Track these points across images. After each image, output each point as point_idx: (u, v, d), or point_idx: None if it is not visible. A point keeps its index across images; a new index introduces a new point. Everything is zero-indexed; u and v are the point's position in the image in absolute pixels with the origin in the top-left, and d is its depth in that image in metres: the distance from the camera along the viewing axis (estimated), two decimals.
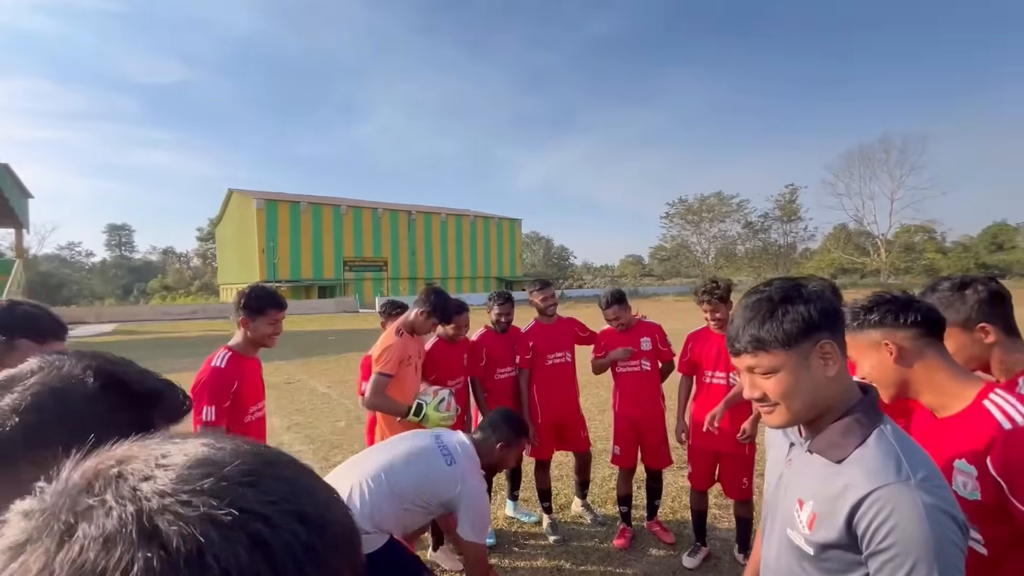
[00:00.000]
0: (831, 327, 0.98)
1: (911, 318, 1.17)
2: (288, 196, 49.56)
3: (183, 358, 13.10)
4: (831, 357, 0.97)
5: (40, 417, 0.50)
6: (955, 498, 0.88)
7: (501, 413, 2.59)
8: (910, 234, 74.27)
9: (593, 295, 53.71)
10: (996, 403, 1.12)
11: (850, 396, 1.00)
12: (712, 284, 3.09)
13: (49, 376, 0.54)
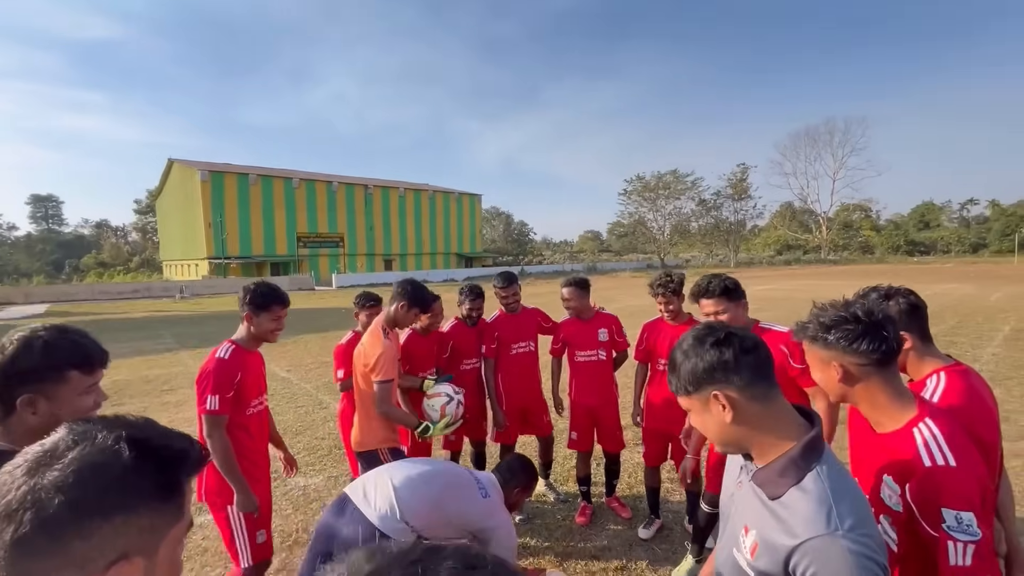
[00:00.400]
0: (723, 379, 1.05)
1: (864, 347, 1.23)
2: (235, 167, 47.00)
3: (130, 342, 12.48)
4: (725, 405, 1.05)
5: (84, 493, 0.54)
6: (880, 540, 0.98)
7: (520, 461, 2.66)
8: (848, 212, 78.97)
9: (553, 271, 54.35)
10: (923, 435, 1.22)
11: (789, 432, 1.06)
12: (666, 278, 3.25)
13: (86, 451, 0.56)
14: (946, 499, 1.14)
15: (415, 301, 2.94)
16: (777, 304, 17.07)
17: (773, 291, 23.37)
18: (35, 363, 1.16)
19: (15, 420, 1.14)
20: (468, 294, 3.78)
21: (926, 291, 20.16)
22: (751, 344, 1.06)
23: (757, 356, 1.05)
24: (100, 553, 0.54)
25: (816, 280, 30.38)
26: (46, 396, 1.16)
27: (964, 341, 9.33)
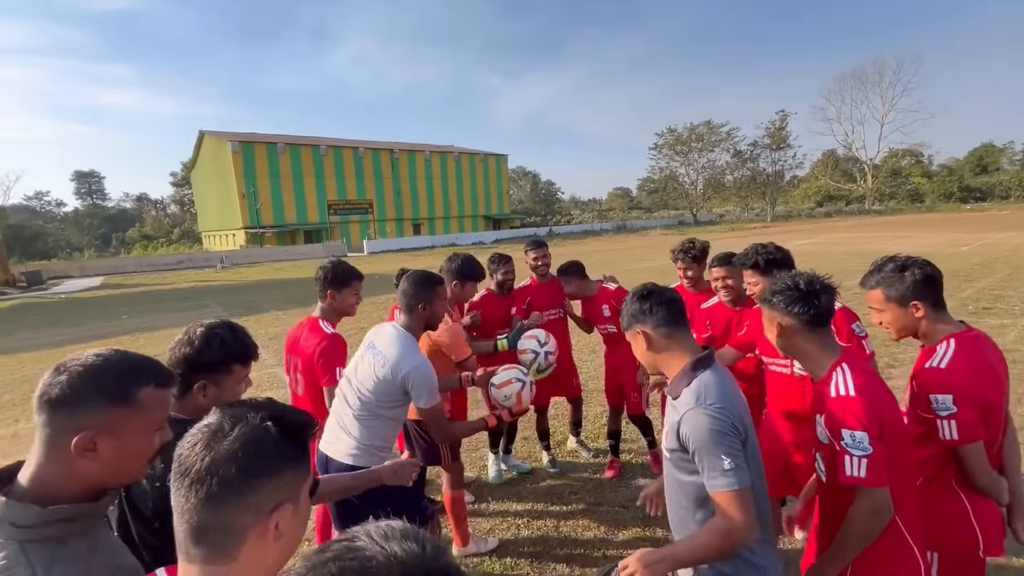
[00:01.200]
0: (642, 322, 1.52)
1: (798, 310, 1.53)
2: (264, 137, 47.55)
3: (181, 312, 13.25)
4: (643, 340, 1.54)
5: (251, 460, 0.73)
6: (734, 412, 1.38)
7: (408, 280, 2.35)
8: (897, 158, 74.08)
9: (582, 231, 53.72)
10: (836, 377, 1.50)
11: (686, 355, 1.50)
12: (688, 244, 3.26)
13: (246, 430, 0.75)
14: (845, 421, 1.42)
15: (463, 274, 3.05)
16: (814, 259, 16.56)
17: (811, 245, 22.60)
18: (213, 357, 1.45)
19: (189, 399, 1.44)
20: (499, 261, 3.83)
21: (978, 240, 19.25)
22: (664, 299, 1.51)
23: (668, 307, 1.50)
24: (266, 502, 0.74)
25: (857, 232, 29.12)
26: (215, 384, 1.46)
27: (1013, 295, 8.93)
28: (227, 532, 0.72)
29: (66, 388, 0.89)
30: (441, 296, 2.33)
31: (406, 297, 2.28)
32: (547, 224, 64.17)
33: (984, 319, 7.37)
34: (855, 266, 13.90)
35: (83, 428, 0.88)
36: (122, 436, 0.92)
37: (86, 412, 0.89)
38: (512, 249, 4.10)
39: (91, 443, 0.89)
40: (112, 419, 0.91)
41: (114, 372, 0.94)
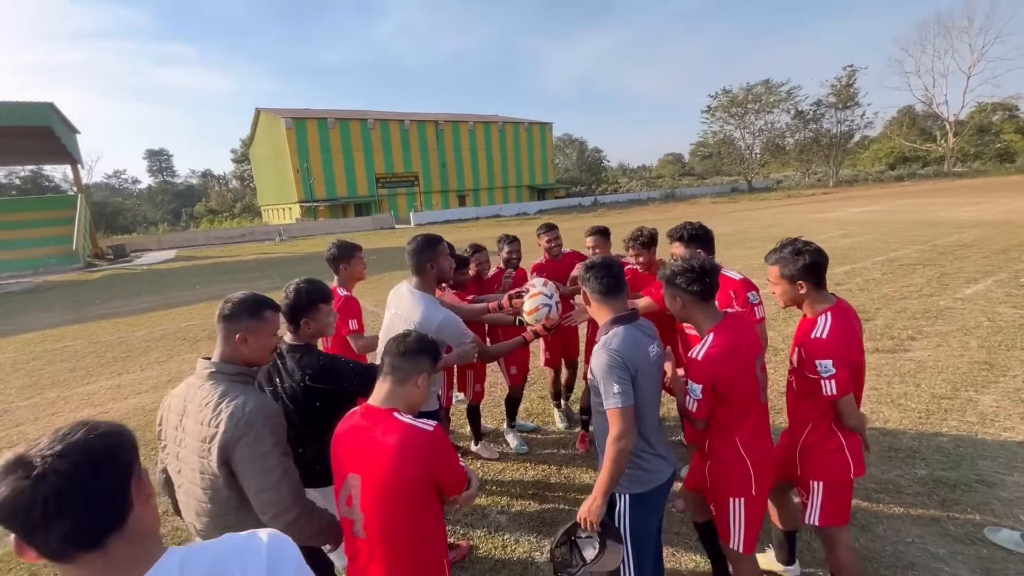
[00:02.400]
0: (585, 284, 1.98)
1: (686, 286, 1.95)
2: (315, 112, 49.07)
3: (247, 282, 14.52)
4: (586, 298, 2.00)
5: (421, 348, 1.70)
6: (628, 351, 1.81)
7: (412, 244, 2.64)
8: (986, 113, 66.75)
9: (628, 199, 52.65)
10: (704, 340, 1.96)
11: (610, 315, 1.92)
12: (637, 232, 3.48)
13: (416, 336, 1.75)
14: (692, 373, 1.95)
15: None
16: (869, 227, 15.79)
17: (871, 213, 21.37)
18: (304, 301, 2.06)
19: (301, 331, 2.09)
20: (505, 240, 4.19)
21: None
22: (600, 272, 1.93)
23: (600, 279, 1.92)
24: (422, 368, 1.68)
25: (929, 198, 27.09)
26: (312, 319, 2.08)
27: None
28: (407, 372, 1.64)
29: (231, 308, 1.69)
30: (444, 253, 2.62)
31: (414, 258, 2.58)
32: (592, 193, 63.19)
33: None
34: (916, 235, 13.19)
35: (239, 331, 1.66)
36: (258, 336, 1.70)
37: (240, 322, 1.67)
38: (557, 219, 4.40)
39: (244, 339, 1.67)
40: (252, 327, 1.68)
41: (252, 300, 1.72)
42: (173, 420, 1.69)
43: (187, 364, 6.82)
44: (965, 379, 4.44)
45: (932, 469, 3.20)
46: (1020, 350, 5.01)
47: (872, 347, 5.27)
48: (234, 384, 1.63)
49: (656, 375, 1.92)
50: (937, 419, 3.82)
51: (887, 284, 8.16)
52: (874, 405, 4.12)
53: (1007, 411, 3.85)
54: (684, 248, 2.76)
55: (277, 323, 1.78)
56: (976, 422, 3.72)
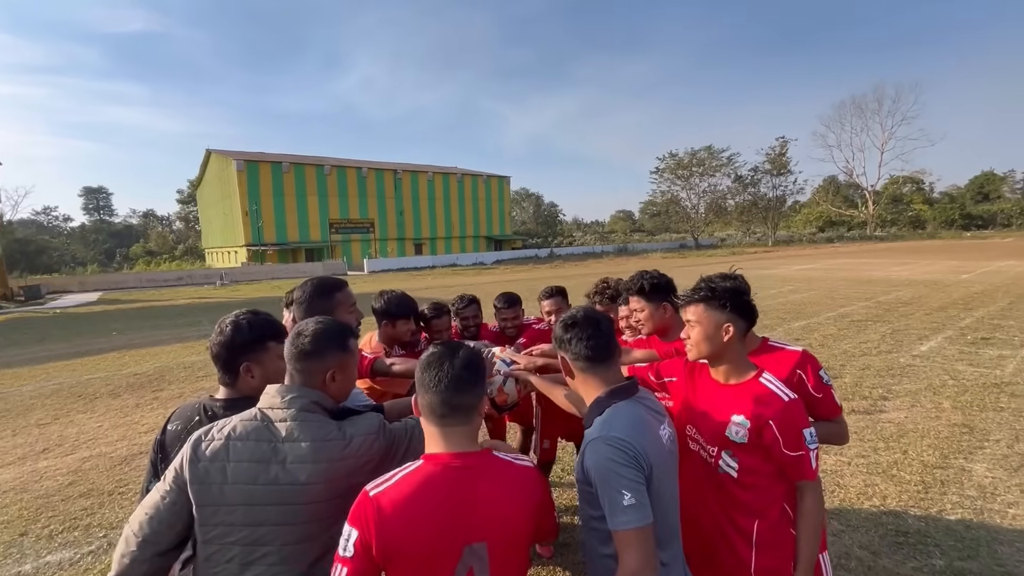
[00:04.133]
0: (564, 349, 1.47)
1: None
2: (269, 156, 48.14)
3: (172, 329, 13.13)
4: (563, 365, 1.49)
5: (474, 374, 1.28)
6: (637, 439, 1.29)
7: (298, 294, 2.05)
8: (898, 185, 74.33)
9: (583, 252, 53.80)
10: (771, 382, 1.54)
11: (600, 387, 1.43)
12: (602, 284, 2.99)
13: (468, 352, 1.30)
14: (801, 421, 1.51)
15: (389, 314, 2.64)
16: (813, 284, 16.43)
17: (811, 270, 22.47)
18: (247, 338, 1.53)
19: (241, 381, 1.54)
20: (459, 303, 3.27)
21: (979, 268, 19.09)
22: (586, 334, 1.42)
23: (587, 344, 1.42)
24: (482, 392, 1.28)
25: (858, 259, 29.01)
26: (257, 362, 1.54)
27: (1012, 325, 8.74)
28: (469, 407, 1.22)
29: (312, 343, 1.40)
30: (344, 303, 1.99)
31: (301, 310, 1.94)
32: (548, 245, 64.36)
33: (983, 350, 7.19)
34: (857, 292, 13.77)
35: (328, 369, 1.42)
36: (347, 371, 1.47)
37: (327, 358, 1.42)
38: (513, 270, 3.86)
39: (332, 377, 1.42)
40: (342, 362, 1.45)
41: (336, 330, 1.46)
42: (247, 475, 1.28)
43: (73, 428, 5.70)
44: (950, 445, 4.18)
45: (950, 559, 2.79)
46: (992, 411, 4.87)
47: (848, 407, 5.00)
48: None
49: (673, 467, 1.40)
50: (936, 493, 3.47)
51: (845, 340, 8.16)
52: (867, 476, 3.74)
53: (1004, 482, 3.56)
54: (646, 303, 2.23)
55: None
56: (977, 496, 3.40)
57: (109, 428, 5.63)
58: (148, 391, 7.09)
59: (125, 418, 5.97)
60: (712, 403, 1.61)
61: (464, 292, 3.36)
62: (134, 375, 8.10)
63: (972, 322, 9.09)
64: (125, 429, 5.57)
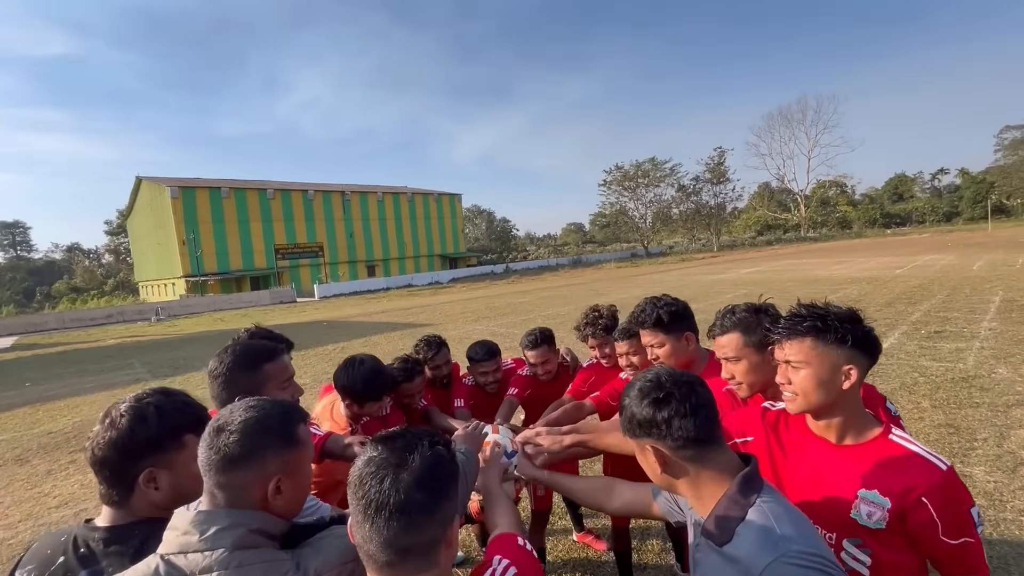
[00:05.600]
0: (657, 436, 1.03)
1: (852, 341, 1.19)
2: (207, 181, 45.71)
3: (98, 375, 11.77)
4: (654, 458, 1.05)
5: (437, 484, 0.85)
6: (824, 550, 0.93)
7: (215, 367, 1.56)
8: (825, 189, 79.85)
9: (538, 266, 53.99)
10: (909, 441, 1.15)
11: (723, 476, 1.02)
12: (594, 314, 2.60)
13: (425, 456, 0.87)
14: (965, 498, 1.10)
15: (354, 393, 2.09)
16: (764, 286, 16.94)
17: (758, 273, 23.32)
18: (153, 432, 1.06)
19: (138, 498, 1.05)
20: (424, 347, 2.74)
21: (909, 263, 20.31)
22: (691, 407, 1.01)
23: (695, 420, 1.01)
24: (449, 515, 0.83)
25: (799, 259, 30.50)
26: (166, 466, 1.07)
27: (958, 316, 9.17)
28: (429, 546, 0.80)
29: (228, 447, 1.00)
30: (274, 375, 1.49)
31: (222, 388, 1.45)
32: (503, 261, 64.30)
33: (939, 343, 7.41)
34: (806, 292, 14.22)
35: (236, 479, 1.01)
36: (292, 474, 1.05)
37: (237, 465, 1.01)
38: (470, 288, 3.46)
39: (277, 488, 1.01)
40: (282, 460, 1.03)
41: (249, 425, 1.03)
42: None
43: None
44: (942, 448, 4.10)
45: None
46: (969, 407, 4.89)
47: None
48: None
49: None
50: None
51: None
52: None
53: (1008, 487, 3.46)
54: (665, 336, 1.83)
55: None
56: (987, 506, 3.27)
57: (11, 505, 4.75)
58: (64, 453, 6.15)
59: (33, 490, 5.07)
60: (825, 473, 1.20)
61: (426, 328, 2.94)
62: (48, 434, 7.06)
63: (921, 316, 9.47)
64: (31, 505, 4.71)
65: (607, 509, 1.46)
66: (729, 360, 1.55)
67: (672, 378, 1.06)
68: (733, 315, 1.57)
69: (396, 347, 11.74)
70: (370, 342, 12.64)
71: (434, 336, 2.79)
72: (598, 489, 1.46)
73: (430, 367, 2.68)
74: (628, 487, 1.43)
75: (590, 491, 1.47)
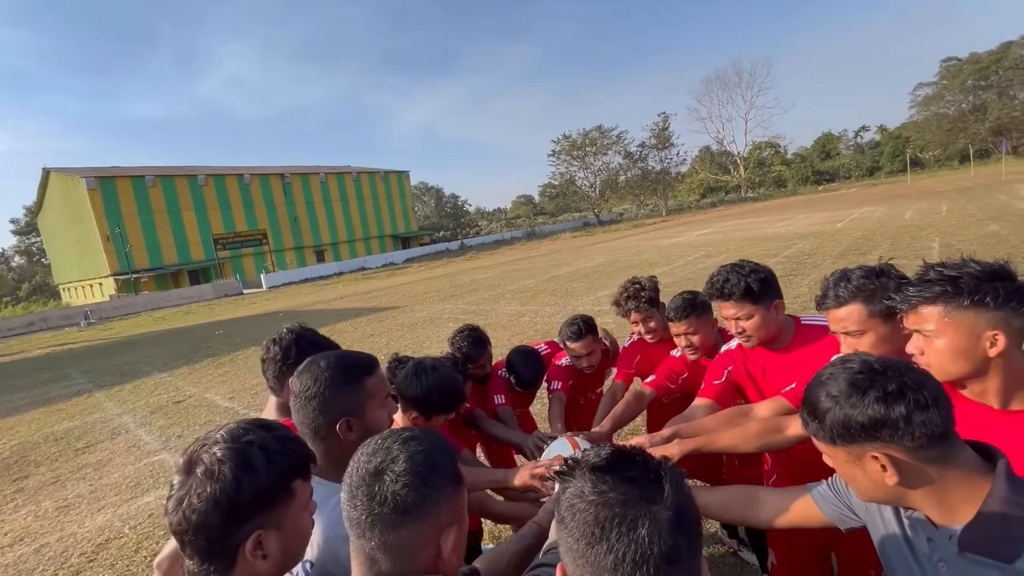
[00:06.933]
0: (888, 440, 0.85)
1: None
2: (127, 170, 41.97)
3: (30, 389, 10.63)
4: (887, 467, 0.87)
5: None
6: None
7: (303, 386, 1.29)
8: (761, 150, 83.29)
9: (493, 240, 53.66)
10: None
11: (972, 474, 0.85)
12: (635, 287, 2.36)
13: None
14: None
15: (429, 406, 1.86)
16: (720, 247, 17.49)
17: (711, 234, 24.06)
18: (263, 482, 0.81)
19: (240, 571, 0.81)
20: (468, 341, 2.50)
21: (848, 216, 21.38)
22: (932, 396, 0.83)
23: (940, 411, 0.83)
24: (440, 526, 0.80)
25: (744, 219, 31.71)
26: (275, 524, 0.83)
27: (907, 263, 9.74)
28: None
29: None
30: (375, 393, 1.22)
31: (313, 410, 1.16)
32: (458, 238, 63.44)
33: None
34: (761, 250, 14.78)
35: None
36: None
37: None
38: (428, 267, 3.15)
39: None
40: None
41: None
42: None
43: None
44: None
45: None
46: None
47: None
48: None
49: None
50: None
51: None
52: None
53: None
54: (753, 307, 1.67)
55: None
56: None
57: None
58: (6, 482, 5.48)
59: None
60: (993, 443, 1.04)
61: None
62: None
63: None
64: None
65: (754, 523, 1.25)
66: (851, 334, 1.37)
67: (886, 364, 0.88)
68: (849, 282, 1.38)
69: (364, 332, 11.30)
70: (335, 330, 12.09)
71: (476, 330, 2.53)
72: (738, 501, 1.26)
73: (474, 366, 2.43)
74: (776, 494, 1.23)
75: (728, 505, 1.26)
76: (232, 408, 7.08)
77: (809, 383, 0.95)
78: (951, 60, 67.03)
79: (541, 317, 9.81)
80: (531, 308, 11.00)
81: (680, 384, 2.17)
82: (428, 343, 9.05)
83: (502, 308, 11.55)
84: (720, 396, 1.84)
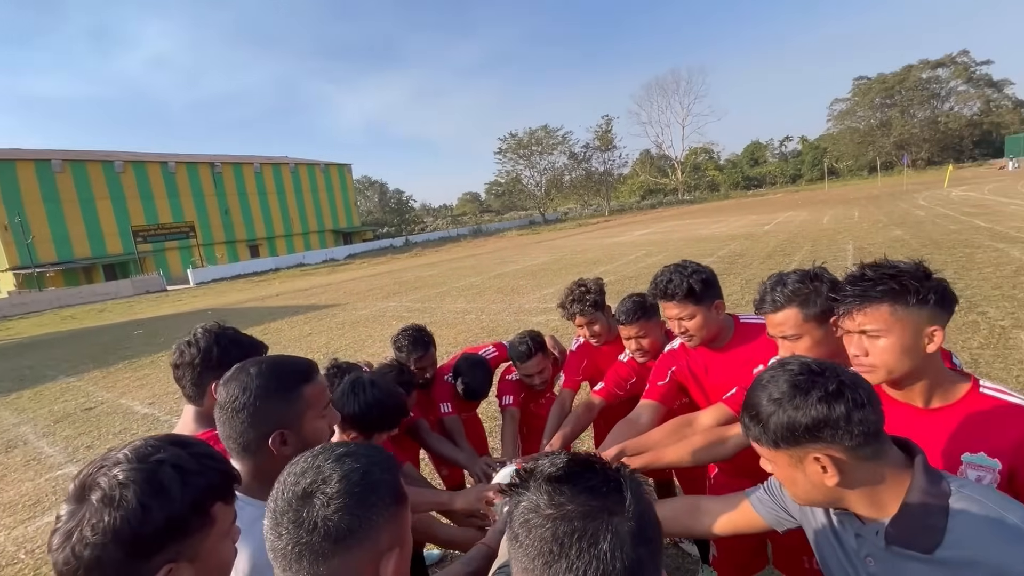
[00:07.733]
0: (829, 440, 0.87)
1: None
2: (29, 153, 37.88)
3: None
4: (828, 468, 0.88)
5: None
6: None
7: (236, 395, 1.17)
8: (696, 155, 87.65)
9: (439, 237, 53.06)
10: (1005, 393, 1.08)
11: (897, 470, 0.89)
12: (580, 289, 2.30)
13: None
14: None
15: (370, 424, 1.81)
16: (660, 247, 18.21)
17: (651, 235, 24.98)
18: (177, 509, 0.72)
19: None
20: (407, 344, 2.39)
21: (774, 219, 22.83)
22: (866, 394, 0.87)
23: (874, 408, 0.87)
24: (379, 551, 0.73)
25: (681, 220, 33.19)
26: (188, 556, 0.73)
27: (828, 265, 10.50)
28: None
29: None
30: (315, 399, 1.11)
31: (241, 422, 1.03)
32: (402, 234, 62.22)
33: None
34: (698, 250, 15.52)
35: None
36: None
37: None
38: (371, 263, 3.03)
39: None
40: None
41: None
42: None
43: None
44: None
45: None
46: None
47: None
48: None
49: None
50: None
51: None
52: None
53: None
54: (695, 307, 1.70)
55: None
56: None
57: None
58: None
59: None
60: (918, 442, 1.07)
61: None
62: None
63: (798, 266, 10.70)
64: None
65: (698, 533, 1.25)
66: (788, 339, 1.39)
67: (823, 365, 0.90)
68: (785, 287, 1.39)
69: (302, 332, 10.79)
70: (269, 329, 11.49)
71: (421, 330, 2.41)
72: (682, 513, 1.25)
73: (416, 367, 2.33)
74: (716, 502, 1.23)
75: (673, 517, 1.23)
76: (152, 415, 6.54)
77: (749, 388, 0.96)
78: (862, 79, 73.30)
79: (487, 315, 9.78)
80: (477, 306, 10.94)
81: (628, 389, 2.18)
82: (370, 342, 8.79)
83: (447, 306, 11.42)
84: (664, 397, 1.87)
